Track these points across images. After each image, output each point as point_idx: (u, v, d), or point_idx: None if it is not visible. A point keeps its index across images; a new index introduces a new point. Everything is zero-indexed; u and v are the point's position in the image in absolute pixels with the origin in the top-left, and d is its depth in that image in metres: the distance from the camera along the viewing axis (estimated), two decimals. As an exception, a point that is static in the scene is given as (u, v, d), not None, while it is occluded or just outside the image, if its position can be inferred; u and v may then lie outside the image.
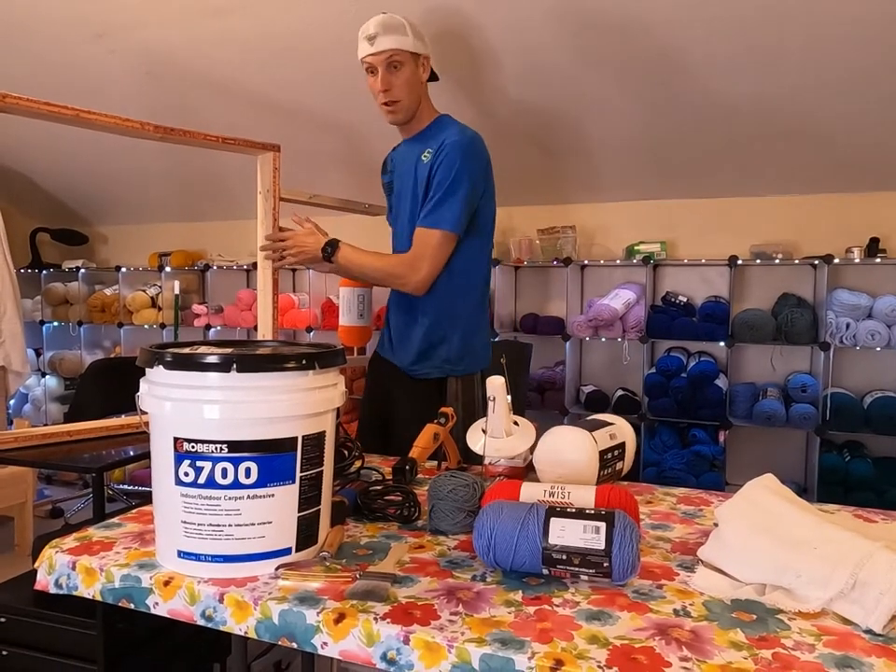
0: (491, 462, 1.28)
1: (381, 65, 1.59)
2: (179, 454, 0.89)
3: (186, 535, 0.90)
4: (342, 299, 2.00)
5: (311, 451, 0.93)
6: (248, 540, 0.89)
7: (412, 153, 1.69)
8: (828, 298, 2.78)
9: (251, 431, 0.88)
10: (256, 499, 0.89)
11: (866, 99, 2.38)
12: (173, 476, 0.89)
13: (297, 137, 3.06)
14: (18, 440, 1.70)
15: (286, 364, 0.90)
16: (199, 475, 0.88)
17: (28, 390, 4.42)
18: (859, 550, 0.80)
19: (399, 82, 1.61)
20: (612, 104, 2.61)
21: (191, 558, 0.90)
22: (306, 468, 0.92)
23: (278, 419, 0.89)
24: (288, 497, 0.91)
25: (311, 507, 0.94)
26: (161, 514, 0.94)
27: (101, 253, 4.52)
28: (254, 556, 0.90)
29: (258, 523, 0.89)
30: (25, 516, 3.09)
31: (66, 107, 1.48)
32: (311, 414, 0.92)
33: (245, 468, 0.88)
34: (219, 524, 0.88)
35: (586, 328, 3.13)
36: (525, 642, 0.73)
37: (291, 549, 0.92)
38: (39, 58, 2.82)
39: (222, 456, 0.87)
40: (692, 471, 2.89)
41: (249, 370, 0.87)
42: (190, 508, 0.89)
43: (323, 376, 0.94)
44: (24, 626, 1.51)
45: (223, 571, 0.89)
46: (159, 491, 0.93)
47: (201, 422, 0.88)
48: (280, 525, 0.91)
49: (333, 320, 3.48)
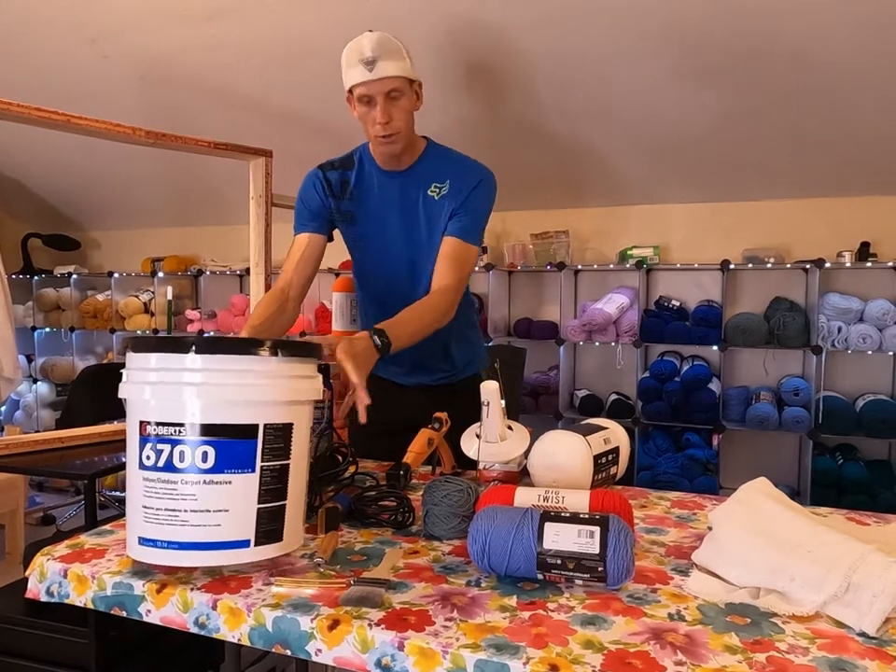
0: (485, 467, 1.28)
1: (380, 95, 1.43)
2: (143, 437, 0.89)
3: (146, 519, 0.89)
4: (335, 304, 2.00)
5: (274, 441, 0.91)
6: (204, 528, 0.87)
7: (406, 186, 1.55)
8: (820, 302, 2.79)
9: (211, 415, 0.87)
10: (212, 485, 0.87)
11: (858, 103, 2.40)
12: (137, 460, 0.90)
13: (289, 142, 3.06)
14: (9, 446, 1.69)
15: (246, 348, 0.90)
16: (159, 458, 0.88)
17: (20, 396, 4.40)
18: (852, 553, 0.80)
19: (400, 112, 1.46)
20: (604, 109, 2.62)
21: (149, 544, 0.89)
22: (268, 458, 0.90)
23: (238, 403, 0.88)
24: (247, 486, 0.89)
25: (274, 500, 0.91)
26: (129, 501, 0.93)
27: (93, 258, 4.51)
28: (209, 545, 0.88)
29: (213, 510, 0.87)
30: (17, 523, 3.07)
31: (57, 113, 1.48)
32: (275, 402, 0.91)
33: (202, 451, 0.87)
34: (176, 508, 0.87)
35: (580, 332, 3.14)
36: (519, 647, 0.73)
37: (250, 542, 0.90)
38: (32, 63, 2.81)
39: (180, 439, 0.87)
40: (685, 475, 2.90)
41: (208, 351, 0.87)
42: (150, 492, 0.88)
43: (291, 366, 0.93)
44: (15, 635, 1.50)
45: (178, 559, 0.88)
46: (128, 478, 0.92)
47: (162, 404, 0.88)
48: (237, 514, 0.89)
49: (327, 325, 3.48)
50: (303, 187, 1.62)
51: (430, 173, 1.55)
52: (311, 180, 1.61)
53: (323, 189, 1.59)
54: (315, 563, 0.94)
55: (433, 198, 1.54)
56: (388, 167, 1.56)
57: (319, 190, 1.59)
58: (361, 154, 1.59)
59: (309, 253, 1.58)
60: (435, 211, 1.54)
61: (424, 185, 1.54)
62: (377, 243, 1.59)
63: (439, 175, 1.54)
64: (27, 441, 1.74)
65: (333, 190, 1.59)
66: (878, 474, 2.76)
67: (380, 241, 1.59)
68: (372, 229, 1.59)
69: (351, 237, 1.63)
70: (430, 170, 1.55)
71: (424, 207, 1.54)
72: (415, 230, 1.55)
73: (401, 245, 1.57)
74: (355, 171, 1.59)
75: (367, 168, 1.58)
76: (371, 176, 1.58)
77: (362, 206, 1.58)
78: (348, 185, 1.59)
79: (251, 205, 1.82)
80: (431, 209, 1.54)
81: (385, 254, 1.59)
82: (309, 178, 1.61)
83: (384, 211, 1.57)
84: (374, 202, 1.57)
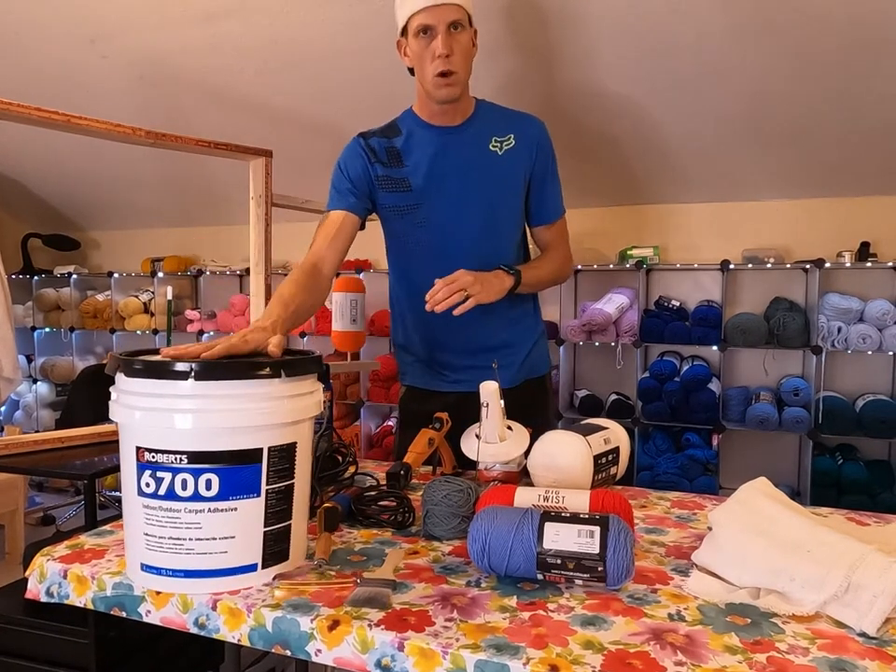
0: (485, 467, 1.28)
1: (442, 24, 1.31)
2: (141, 463, 0.86)
3: (148, 547, 0.87)
4: (334, 304, 1.99)
5: (279, 463, 0.88)
6: (210, 556, 0.86)
7: (463, 142, 1.46)
8: (819, 302, 2.79)
9: (212, 442, 0.84)
10: (217, 513, 0.85)
11: (858, 104, 2.40)
12: (135, 486, 0.87)
13: (289, 142, 3.06)
14: (9, 446, 1.69)
15: (248, 372, 0.86)
16: (159, 486, 0.85)
17: (19, 397, 4.39)
18: (852, 553, 0.80)
19: (460, 49, 1.34)
20: (608, 108, 2.62)
21: (153, 572, 0.87)
22: (273, 480, 0.88)
23: (241, 429, 0.85)
24: (253, 511, 0.87)
25: (279, 521, 0.90)
26: (127, 525, 0.91)
27: (93, 258, 4.51)
28: (216, 572, 0.86)
29: (219, 537, 0.86)
30: (16, 523, 3.07)
31: (57, 113, 1.48)
32: (279, 424, 0.88)
33: (205, 479, 0.84)
34: (180, 537, 0.85)
35: (580, 332, 3.14)
36: (519, 648, 0.73)
37: (257, 565, 0.88)
38: (32, 63, 2.81)
39: (182, 467, 0.84)
40: (685, 475, 2.90)
41: (208, 377, 0.84)
42: (151, 520, 0.86)
43: (293, 384, 0.90)
44: (15, 635, 1.50)
45: (185, 587, 0.86)
46: (126, 501, 0.90)
47: (161, 431, 0.85)
48: (244, 540, 0.87)
49: (326, 325, 3.48)
50: (344, 155, 1.51)
51: (488, 127, 1.47)
52: (352, 148, 1.50)
53: (367, 156, 1.48)
54: (317, 564, 0.93)
55: (496, 153, 1.47)
56: (442, 122, 1.46)
57: (364, 157, 1.48)
58: (406, 118, 1.51)
59: (345, 232, 1.46)
60: (502, 167, 1.46)
61: (483, 140, 1.47)
62: (437, 206, 1.47)
63: (498, 128, 1.48)
64: (27, 440, 1.74)
65: (379, 157, 1.48)
66: (878, 474, 2.76)
67: (440, 203, 1.47)
68: (431, 190, 1.47)
69: (401, 207, 1.49)
70: (488, 124, 1.47)
71: (486, 162, 1.46)
72: (480, 186, 1.47)
73: (465, 204, 1.46)
74: (403, 137, 1.49)
75: (415, 131, 1.48)
76: (421, 138, 1.47)
77: (416, 170, 1.47)
78: (396, 152, 1.48)
79: (251, 205, 1.82)
80: (496, 164, 1.46)
81: (447, 216, 1.47)
82: (350, 147, 1.51)
83: (442, 171, 1.46)
84: (429, 163, 1.46)
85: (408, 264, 1.55)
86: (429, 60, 1.35)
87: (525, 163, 1.50)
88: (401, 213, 1.50)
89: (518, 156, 1.48)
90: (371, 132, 1.51)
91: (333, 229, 1.44)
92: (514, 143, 1.48)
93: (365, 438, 3.51)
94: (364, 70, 2.57)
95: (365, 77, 2.61)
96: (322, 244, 1.43)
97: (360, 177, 1.48)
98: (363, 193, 1.48)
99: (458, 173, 1.46)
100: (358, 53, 2.48)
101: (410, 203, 1.48)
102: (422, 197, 1.47)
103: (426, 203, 1.47)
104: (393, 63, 2.39)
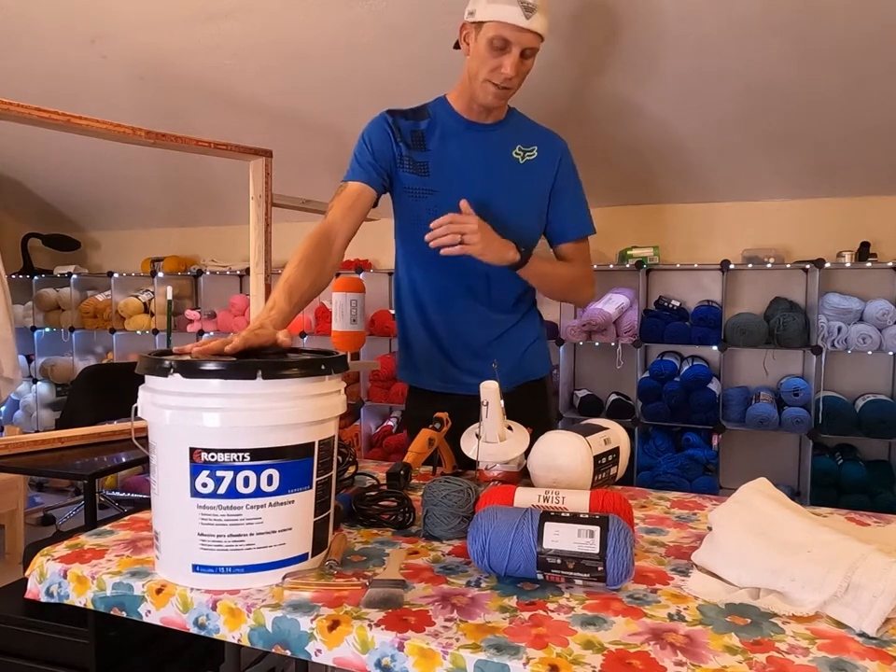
0: (485, 467, 1.28)
1: (518, 47, 1.34)
2: (196, 464, 0.86)
3: (203, 548, 0.87)
4: (334, 304, 1.99)
5: (324, 455, 0.93)
6: (269, 549, 0.89)
7: (491, 140, 1.49)
8: (819, 302, 2.79)
9: (274, 438, 0.87)
10: (277, 507, 0.88)
11: (858, 104, 2.40)
12: (188, 488, 0.87)
13: (289, 142, 3.06)
14: (9, 446, 1.69)
15: (306, 370, 0.90)
16: (218, 485, 0.86)
17: (19, 397, 4.39)
18: (852, 553, 0.80)
19: (523, 71, 1.39)
20: (608, 109, 2.62)
21: (209, 571, 0.88)
22: (321, 472, 0.93)
23: (300, 425, 0.89)
24: (306, 503, 0.92)
25: (323, 511, 0.95)
26: (169, 529, 0.90)
27: (93, 258, 4.51)
28: (273, 564, 0.89)
29: (279, 530, 0.89)
30: (16, 524, 3.07)
31: (57, 113, 1.48)
32: (326, 419, 0.93)
33: (267, 475, 0.87)
34: (240, 533, 0.87)
35: (580, 332, 3.14)
36: (519, 648, 0.73)
37: (307, 554, 0.93)
38: (32, 63, 2.81)
39: (244, 465, 0.86)
40: (685, 475, 2.90)
41: (274, 376, 0.87)
42: (208, 519, 0.87)
43: (334, 381, 0.96)
44: (15, 635, 1.50)
45: (241, 581, 0.88)
46: (167, 505, 0.90)
47: (221, 431, 0.86)
48: (298, 531, 0.91)
49: (326, 325, 3.48)
50: (370, 128, 1.50)
51: (517, 134, 1.51)
52: (379, 124, 1.50)
53: (392, 133, 1.48)
54: (328, 565, 0.93)
55: (517, 161, 1.50)
56: (475, 117, 1.49)
57: (389, 134, 1.48)
58: (437, 105, 1.52)
59: (361, 205, 1.44)
60: (520, 175, 1.50)
61: (509, 144, 1.50)
62: (451, 195, 1.44)
63: (525, 138, 1.51)
64: (27, 440, 1.74)
65: (404, 137, 1.48)
66: (878, 474, 2.76)
67: (454, 193, 1.44)
68: (448, 180, 1.48)
69: (417, 189, 1.49)
70: (515, 132, 1.51)
71: (507, 167, 1.49)
72: (494, 188, 1.48)
73: (476, 200, 1.43)
74: (429, 121, 1.50)
75: (445, 119, 1.50)
76: (449, 127, 1.49)
77: (439, 156, 1.48)
78: (421, 135, 1.49)
79: (251, 206, 1.82)
80: (515, 171, 1.49)
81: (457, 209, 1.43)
82: (377, 121, 1.50)
83: (462, 164, 1.48)
84: (454, 152, 1.48)
85: (411, 234, 1.52)
86: (491, 68, 1.37)
87: (546, 178, 1.52)
88: (416, 196, 1.50)
89: (539, 169, 1.51)
90: (400, 111, 1.51)
91: (350, 199, 1.43)
92: (537, 155, 1.51)
93: (365, 438, 3.51)
94: (364, 70, 2.58)
95: (365, 77, 2.61)
96: (338, 213, 1.41)
97: (384, 153, 1.47)
98: (383, 169, 1.48)
99: (476, 169, 1.48)
100: (358, 53, 2.48)
101: (426, 188, 1.49)
102: (437, 184, 1.48)
103: (440, 191, 1.48)
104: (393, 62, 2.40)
